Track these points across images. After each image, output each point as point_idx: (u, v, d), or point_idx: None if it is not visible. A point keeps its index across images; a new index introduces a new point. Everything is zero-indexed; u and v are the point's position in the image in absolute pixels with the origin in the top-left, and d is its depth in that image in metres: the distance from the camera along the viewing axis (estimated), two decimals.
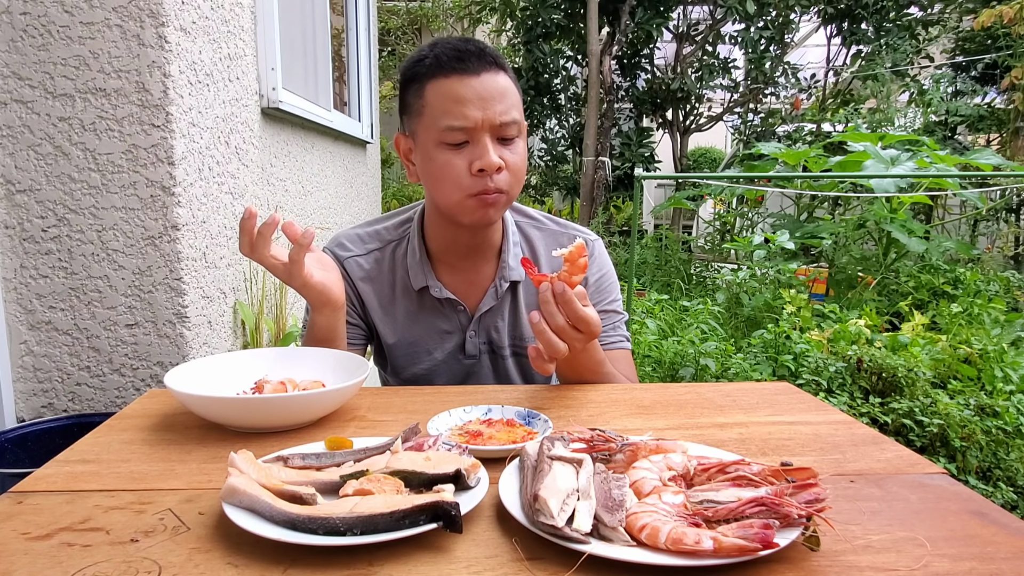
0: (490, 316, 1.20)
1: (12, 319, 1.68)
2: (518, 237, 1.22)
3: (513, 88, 1.06)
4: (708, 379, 2.67)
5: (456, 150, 1.04)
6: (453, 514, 0.57)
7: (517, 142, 1.07)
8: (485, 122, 1.02)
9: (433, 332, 1.20)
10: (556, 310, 0.91)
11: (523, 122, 1.08)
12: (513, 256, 1.19)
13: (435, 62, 1.03)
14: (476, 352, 1.21)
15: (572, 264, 0.93)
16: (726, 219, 5.82)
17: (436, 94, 1.03)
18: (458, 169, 1.04)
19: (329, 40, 3.29)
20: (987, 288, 3.79)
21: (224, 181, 1.96)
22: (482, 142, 1.02)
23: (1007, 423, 2.19)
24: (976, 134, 7.14)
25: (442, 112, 1.02)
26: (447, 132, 1.02)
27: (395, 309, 1.21)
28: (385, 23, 10.54)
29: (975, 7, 6.93)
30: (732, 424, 0.89)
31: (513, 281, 1.19)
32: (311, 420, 0.87)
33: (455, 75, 1.02)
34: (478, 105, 1.01)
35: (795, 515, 0.56)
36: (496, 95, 1.02)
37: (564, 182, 8.57)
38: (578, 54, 8.03)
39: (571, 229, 1.26)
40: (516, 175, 1.07)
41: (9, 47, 1.57)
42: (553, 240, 1.25)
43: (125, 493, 0.68)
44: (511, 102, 1.04)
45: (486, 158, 1.02)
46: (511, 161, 1.05)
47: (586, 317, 0.91)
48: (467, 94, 1.01)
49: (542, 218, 1.27)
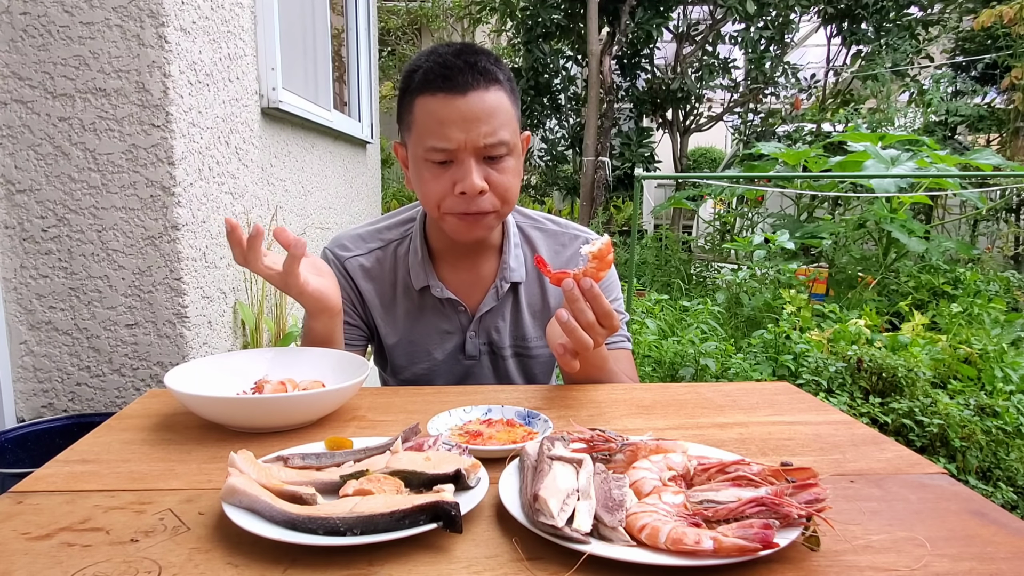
0: (491, 317, 1.20)
1: (12, 319, 1.68)
2: (519, 238, 1.22)
3: (505, 104, 1.03)
4: (708, 379, 2.67)
5: (441, 168, 1.04)
6: (453, 514, 0.57)
7: (506, 160, 1.05)
8: (468, 144, 1.00)
9: (433, 332, 1.20)
10: (586, 306, 0.91)
11: (515, 139, 1.06)
12: (514, 257, 1.19)
13: (423, 78, 1.02)
14: (476, 353, 1.21)
15: (601, 260, 0.94)
16: (726, 219, 5.82)
17: (422, 112, 1.03)
18: (441, 188, 1.04)
19: (329, 40, 3.29)
20: (987, 288, 3.79)
21: (224, 181, 1.96)
22: (465, 164, 1.01)
23: (1007, 423, 2.19)
24: (976, 134, 7.13)
25: (426, 131, 1.02)
26: (431, 151, 1.02)
27: (396, 308, 1.21)
28: (385, 23, 10.54)
29: (975, 7, 6.93)
30: (732, 424, 0.89)
31: (514, 282, 1.19)
32: (311, 420, 0.87)
33: (441, 94, 1.00)
34: (462, 127, 1.00)
35: (795, 515, 0.56)
36: (483, 116, 1.00)
37: (564, 182, 8.58)
38: (578, 54, 8.03)
39: (571, 229, 1.26)
40: (503, 195, 1.06)
41: (9, 47, 1.57)
42: (554, 240, 1.25)
43: (125, 493, 0.68)
44: (500, 121, 1.02)
45: (467, 181, 1.01)
46: (498, 181, 1.04)
47: (610, 311, 0.92)
48: (451, 116, 1.00)
49: (542, 219, 1.27)
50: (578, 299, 0.91)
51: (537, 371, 1.25)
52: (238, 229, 0.92)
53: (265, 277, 0.96)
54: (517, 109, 1.08)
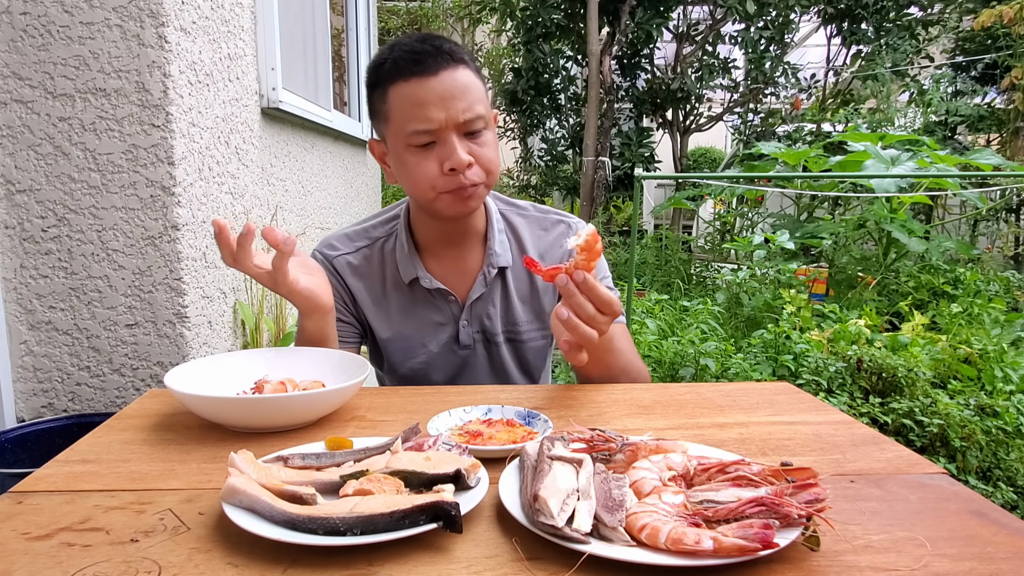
0: (481, 304, 1.21)
1: (12, 319, 1.68)
2: (502, 224, 1.24)
3: (475, 81, 1.06)
4: (708, 379, 2.67)
5: (425, 151, 1.05)
6: (453, 514, 0.57)
7: (484, 134, 1.07)
8: (449, 121, 1.03)
9: (426, 324, 1.22)
10: (583, 300, 0.90)
11: (489, 114, 1.08)
12: (499, 243, 1.20)
13: (393, 66, 1.04)
14: (470, 342, 1.22)
15: (589, 251, 0.92)
16: (726, 219, 5.82)
17: (398, 99, 1.04)
18: (430, 170, 1.05)
19: (329, 40, 3.29)
20: (987, 288, 3.79)
21: (224, 181, 1.96)
22: (449, 142, 1.04)
23: (1007, 423, 2.19)
24: (976, 134, 7.13)
25: (406, 117, 1.04)
26: (413, 136, 1.04)
27: (388, 304, 1.22)
28: (385, 23, 10.54)
29: (975, 7, 6.93)
30: (732, 424, 0.89)
31: (501, 267, 1.20)
32: (311, 420, 0.87)
33: (414, 78, 1.02)
34: (440, 105, 1.02)
35: (795, 515, 0.56)
36: (457, 92, 1.03)
37: (564, 182, 8.57)
38: (578, 54, 8.03)
39: (552, 214, 1.28)
40: (487, 167, 1.08)
41: (9, 47, 1.57)
42: (536, 225, 1.26)
43: (125, 493, 0.68)
44: (474, 97, 1.04)
45: (454, 157, 1.03)
46: (480, 154, 1.06)
47: (609, 298, 0.91)
48: (427, 96, 1.02)
49: (524, 205, 1.29)
50: (574, 294, 0.90)
51: (531, 357, 1.26)
52: (226, 230, 0.92)
53: (255, 277, 0.96)
54: (485, 88, 1.10)
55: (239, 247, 0.93)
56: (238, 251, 0.93)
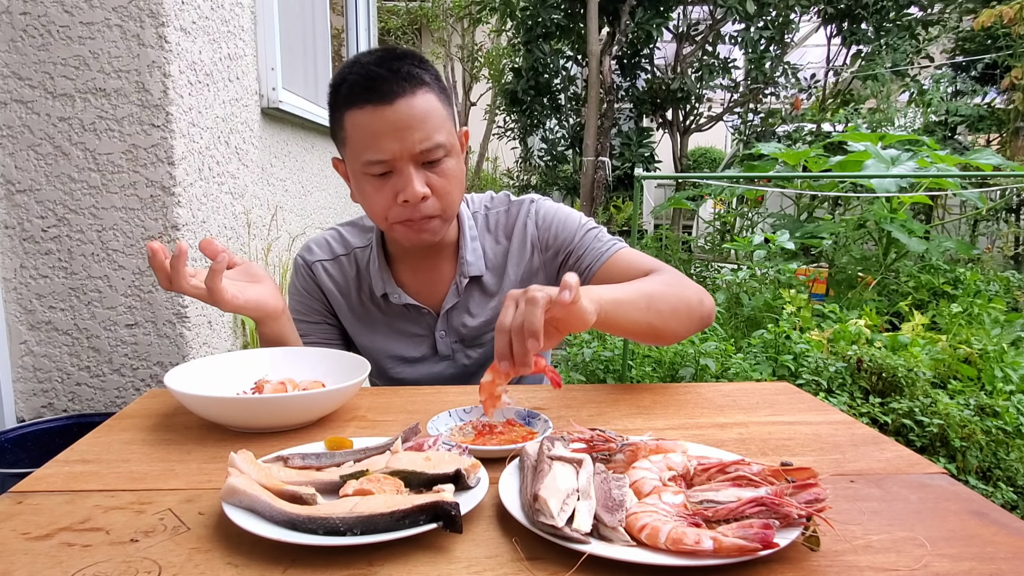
0: (456, 313, 1.20)
1: (12, 319, 1.68)
2: (476, 231, 1.20)
3: (436, 106, 1.01)
4: (708, 379, 2.67)
5: (381, 180, 1.02)
6: (453, 514, 0.57)
7: (445, 162, 1.03)
8: (404, 153, 0.99)
9: (404, 335, 1.21)
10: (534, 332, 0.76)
11: (451, 140, 1.03)
12: (471, 251, 1.18)
13: (349, 92, 1.00)
14: (449, 351, 1.21)
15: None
16: (726, 219, 5.82)
17: (353, 126, 1.01)
18: (384, 199, 1.03)
19: (329, 40, 3.29)
20: (987, 288, 3.79)
21: (224, 181, 1.96)
22: (405, 172, 1.00)
23: (1007, 423, 2.19)
24: (976, 134, 7.13)
25: (360, 146, 1.00)
26: (368, 165, 1.01)
27: (365, 314, 1.22)
28: (385, 23, 10.54)
29: (975, 7, 6.93)
30: (732, 424, 0.89)
31: (473, 276, 1.18)
32: (311, 420, 0.88)
33: (368, 106, 0.98)
34: (394, 137, 0.98)
35: (795, 515, 0.56)
36: (414, 122, 0.98)
37: (564, 182, 8.57)
38: (578, 54, 8.03)
39: (507, 199, 1.24)
40: (446, 198, 1.05)
41: (9, 47, 1.57)
42: (506, 218, 1.22)
43: (125, 493, 0.68)
44: (432, 125, 0.99)
45: (408, 190, 1.00)
46: (438, 186, 1.03)
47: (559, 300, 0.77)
48: (381, 127, 0.98)
49: (493, 200, 1.24)
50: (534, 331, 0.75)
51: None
52: (159, 252, 0.89)
53: (194, 296, 0.93)
54: (450, 108, 1.06)
55: (172, 269, 0.89)
56: (172, 273, 0.90)
